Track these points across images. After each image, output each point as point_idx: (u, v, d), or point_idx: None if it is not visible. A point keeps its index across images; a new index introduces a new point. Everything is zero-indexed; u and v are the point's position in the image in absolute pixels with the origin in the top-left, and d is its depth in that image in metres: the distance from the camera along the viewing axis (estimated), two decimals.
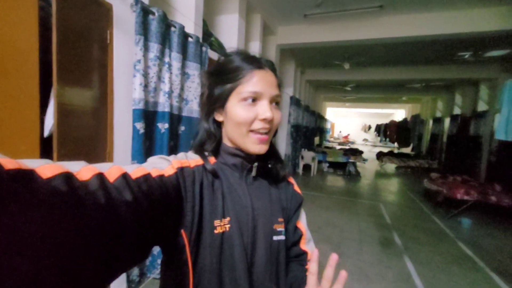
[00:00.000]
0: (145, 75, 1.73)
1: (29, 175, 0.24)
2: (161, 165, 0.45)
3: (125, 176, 0.35)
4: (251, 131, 0.51)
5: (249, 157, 0.56)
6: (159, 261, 1.97)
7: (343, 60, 5.96)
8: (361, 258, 2.64)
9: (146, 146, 1.78)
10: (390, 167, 9.33)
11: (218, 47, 2.90)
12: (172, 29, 1.93)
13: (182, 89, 2.13)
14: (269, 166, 0.59)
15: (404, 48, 5.21)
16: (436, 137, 9.44)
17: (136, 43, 1.63)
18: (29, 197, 0.23)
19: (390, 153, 9.37)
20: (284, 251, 0.57)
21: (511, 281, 2.35)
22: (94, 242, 0.29)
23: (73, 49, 1.33)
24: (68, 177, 0.28)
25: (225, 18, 3.16)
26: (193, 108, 2.27)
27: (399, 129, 12.47)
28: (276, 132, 0.57)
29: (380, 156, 9.09)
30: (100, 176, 0.32)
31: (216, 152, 0.57)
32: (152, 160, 0.48)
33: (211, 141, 0.56)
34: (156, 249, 1.98)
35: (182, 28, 1.99)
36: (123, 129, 1.66)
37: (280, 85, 0.55)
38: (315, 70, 7.62)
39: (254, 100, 0.51)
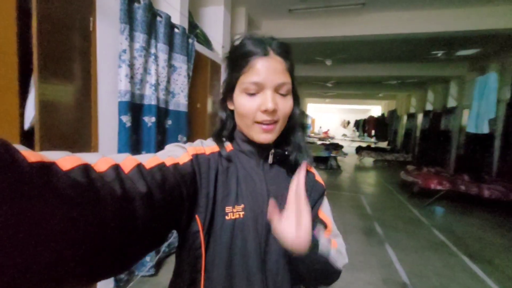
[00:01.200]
0: (131, 66, 1.65)
1: (50, 167, 0.25)
2: (176, 153, 0.46)
3: (139, 166, 0.36)
4: (254, 121, 0.50)
5: (264, 144, 0.54)
6: (148, 258, 1.92)
7: (325, 57, 6.07)
8: (347, 247, 2.74)
9: (132, 140, 1.71)
10: (368, 160, 9.72)
11: (204, 40, 2.83)
12: (158, 18, 1.86)
13: (168, 82, 2.06)
14: (286, 153, 0.56)
15: (382, 46, 5.40)
16: (410, 132, 9.97)
17: (121, 32, 1.56)
18: (50, 189, 0.24)
19: (368, 148, 9.75)
20: None
21: (480, 263, 2.56)
22: (111, 231, 0.29)
23: (54, 37, 1.23)
24: (86, 168, 0.29)
25: (210, 10, 3.10)
26: (180, 101, 2.22)
27: (377, 124, 13.00)
28: (293, 119, 0.55)
29: (359, 150, 9.43)
30: (116, 167, 0.33)
31: (232, 139, 0.57)
32: (168, 148, 0.49)
33: (225, 129, 0.56)
34: None
35: (168, 18, 1.92)
36: (108, 122, 1.59)
37: (291, 70, 0.52)
38: (298, 66, 7.62)
39: (257, 90, 0.49)
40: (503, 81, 4.30)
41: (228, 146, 0.55)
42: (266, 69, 0.48)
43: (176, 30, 2.08)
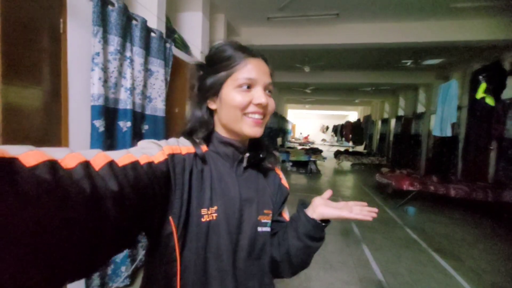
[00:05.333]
0: (105, 69, 1.61)
1: (12, 164, 0.23)
2: (151, 151, 0.44)
3: (111, 164, 0.34)
4: (245, 114, 0.52)
5: (240, 147, 0.56)
6: (123, 268, 1.85)
7: (304, 64, 6.26)
8: (325, 248, 2.81)
9: (106, 146, 1.66)
10: (346, 164, 10.03)
11: (182, 44, 2.82)
12: (134, 22, 1.83)
13: (145, 86, 2.03)
14: (261, 156, 0.59)
15: (357, 54, 5.67)
16: (384, 136, 10.46)
17: (94, 34, 1.52)
18: (12, 188, 0.22)
19: (346, 152, 10.08)
20: (268, 243, 0.58)
21: (447, 258, 2.73)
22: (78, 233, 0.28)
23: (20, 37, 1.18)
24: (52, 165, 0.27)
25: (188, 15, 3.10)
26: (157, 106, 2.18)
27: (354, 129, 13.49)
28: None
29: (337, 154, 9.72)
30: (86, 164, 0.31)
31: (208, 141, 0.57)
32: (142, 144, 0.47)
33: (203, 129, 0.56)
34: (119, 256, 1.85)
35: (144, 21, 1.90)
36: (80, 127, 1.53)
37: (272, 75, 0.57)
38: (278, 73, 7.85)
39: (249, 86, 0.52)
40: (464, 88, 4.66)
41: (203, 147, 0.55)
42: (258, 68, 0.53)
43: (152, 34, 2.06)
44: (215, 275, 0.49)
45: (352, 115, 18.55)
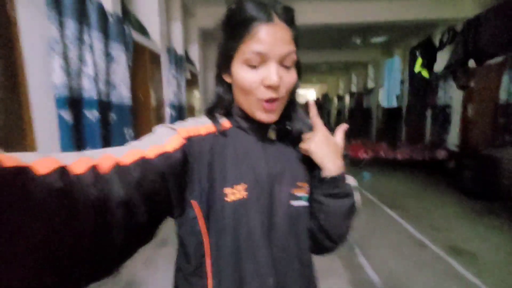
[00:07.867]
0: (65, 56, 1.52)
1: (24, 172, 0.24)
2: (163, 138, 0.42)
3: (116, 165, 0.34)
4: (256, 97, 0.45)
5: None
6: None
7: None
8: None
9: (76, 137, 1.60)
10: None
11: (139, 27, 2.68)
12: (88, 3, 1.71)
13: (108, 73, 1.94)
14: (288, 128, 0.53)
15: (312, 34, 5.89)
16: (340, 112, 11.25)
17: (49, 17, 1.41)
18: (27, 197, 0.23)
19: None
20: (306, 218, 0.52)
21: (396, 209, 3.24)
22: (87, 238, 0.28)
23: None
24: (63, 172, 0.27)
25: None
26: (122, 93, 2.11)
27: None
28: (294, 93, 0.52)
29: None
30: (93, 169, 0.31)
31: (229, 115, 0.51)
32: (156, 131, 0.45)
33: (222, 105, 0.51)
34: None
35: (99, 3, 1.78)
36: (45, 120, 1.44)
37: (296, 38, 0.46)
38: None
39: (259, 62, 0.43)
40: (405, 63, 5.25)
41: (225, 122, 0.50)
42: (270, 38, 0.42)
43: (109, 16, 1.94)
44: (247, 252, 0.46)
45: (310, 93, 19.33)
